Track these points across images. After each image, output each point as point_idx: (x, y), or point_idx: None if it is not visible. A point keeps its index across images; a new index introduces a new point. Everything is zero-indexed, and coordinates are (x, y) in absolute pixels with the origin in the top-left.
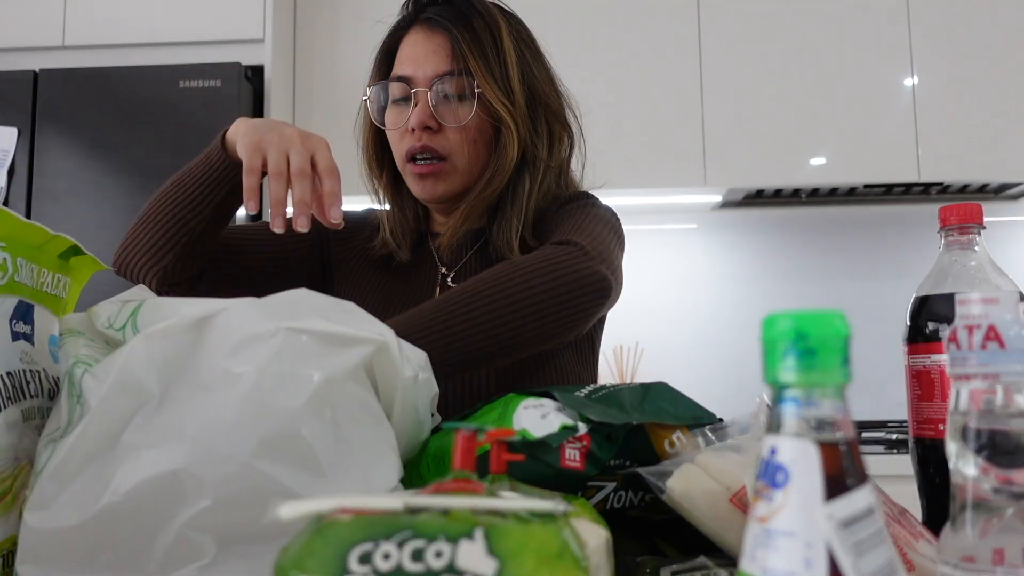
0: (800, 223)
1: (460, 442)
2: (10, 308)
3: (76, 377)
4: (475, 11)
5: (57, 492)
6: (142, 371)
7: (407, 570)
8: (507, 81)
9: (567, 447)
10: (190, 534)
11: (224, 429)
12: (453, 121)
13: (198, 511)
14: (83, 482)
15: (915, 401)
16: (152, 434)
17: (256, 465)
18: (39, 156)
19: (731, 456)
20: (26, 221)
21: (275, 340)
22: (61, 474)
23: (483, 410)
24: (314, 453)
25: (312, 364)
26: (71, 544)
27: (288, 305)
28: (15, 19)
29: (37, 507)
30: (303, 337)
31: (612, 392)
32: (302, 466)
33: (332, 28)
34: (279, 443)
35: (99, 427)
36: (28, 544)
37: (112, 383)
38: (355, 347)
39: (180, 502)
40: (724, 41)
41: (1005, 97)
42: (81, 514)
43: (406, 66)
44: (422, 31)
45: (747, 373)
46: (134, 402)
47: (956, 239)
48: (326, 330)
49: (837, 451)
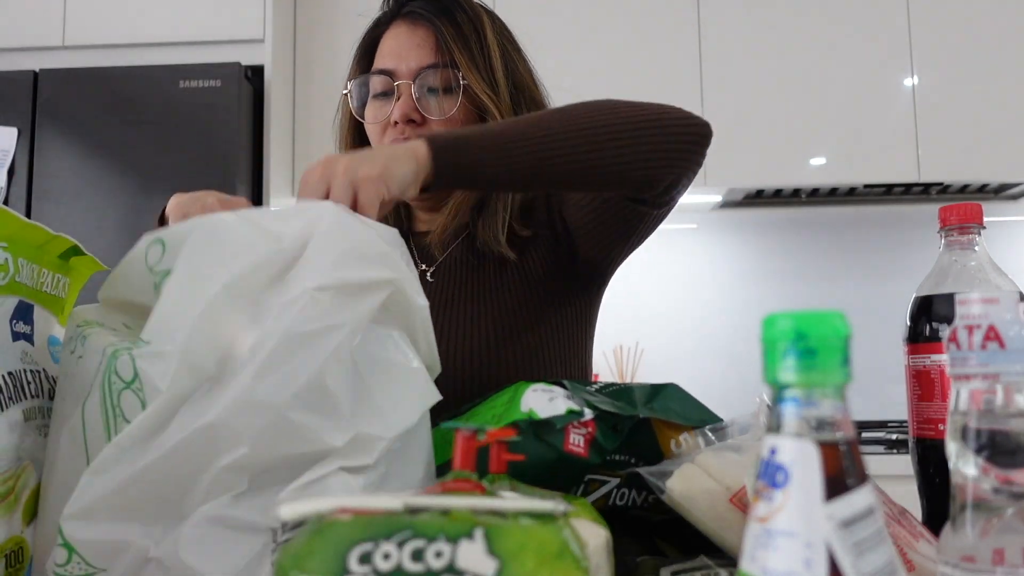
0: (800, 223)
1: (460, 442)
2: (10, 308)
3: (125, 363)
4: (458, 5)
5: (116, 459)
6: (202, 352)
7: (407, 570)
8: (491, 73)
9: (572, 431)
10: (226, 477)
11: (257, 384)
12: (438, 113)
13: (236, 458)
14: (136, 451)
15: (915, 401)
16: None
17: (289, 415)
18: (39, 156)
19: (731, 456)
20: (27, 221)
21: (301, 302)
22: (122, 442)
23: (492, 397)
24: (338, 401)
25: (333, 318)
26: (115, 499)
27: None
28: (15, 19)
29: (95, 472)
30: (325, 295)
31: (623, 388)
32: (327, 413)
33: (332, 28)
34: (307, 395)
35: (167, 407)
36: (78, 503)
37: (178, 364)
38: (372, 293)
39: (217, 451)
40: (724, 41)
41: (1005, 97)
42: (128, 472)
43: (388, 60)
44: (404, 25)
45: (747, 373)
46: (195, 379)
47: (956, 239)
48: (344, 281)
49: (837, 451)
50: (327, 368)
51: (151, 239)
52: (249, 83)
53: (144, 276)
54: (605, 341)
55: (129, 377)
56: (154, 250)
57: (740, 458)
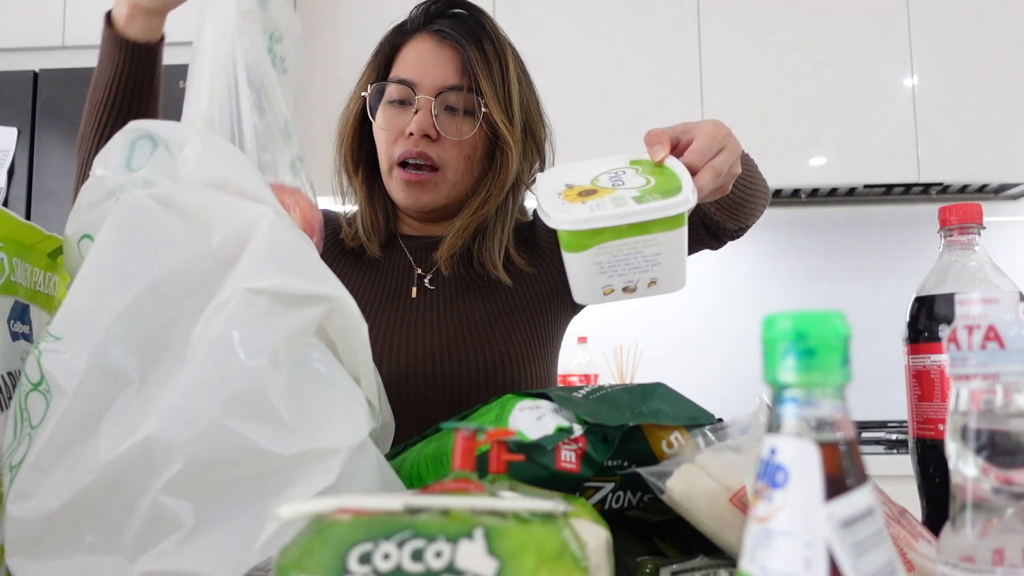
0: (800, 223)
1: (460, 442)
2: (7, 308)
3: (32, 364)
4: (485, 32)
5: (38, 481)
6: (119, 353)
7: (407, 570)
8: (510, 104)
9: (563, 449)
10: (167, 502)
11: (188, 392)
12: (454, 134)
13: (172, 475)
14: (63, 468)
15: (915, 401)
16: (131, 411)
17: (223, 423)
18: (39, 156)
19: (731, 456)
20: (22, 221)
21: (233, 302)
22: (41, 463)
23: (480, 411)
24: (276, 408)
25: (269, 325)
26: (55, 529)
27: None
28: (15, 19)
29: (20, 498)
30: (261, 299)
31: (609, 393)
32: (266, 422)
33: (332, 28)
34: (243, 401)
35: (77, 413)
36: (15, 535)
37: (88, 366)
38: (311, 306)
39: (153, 470)
40: (724, 41)
41: (1005, 97)
42: (61, 496)
43: (411, 70)
44: (431, 40)
45: (747, 373)
46: (113, 386)
47: (956, 239)
48: (281, 288)
49: (837, 451)
50: (263, 373)
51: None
52: None
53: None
54: (605, 341)
55: (36, 378)
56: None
57: (740, 458)
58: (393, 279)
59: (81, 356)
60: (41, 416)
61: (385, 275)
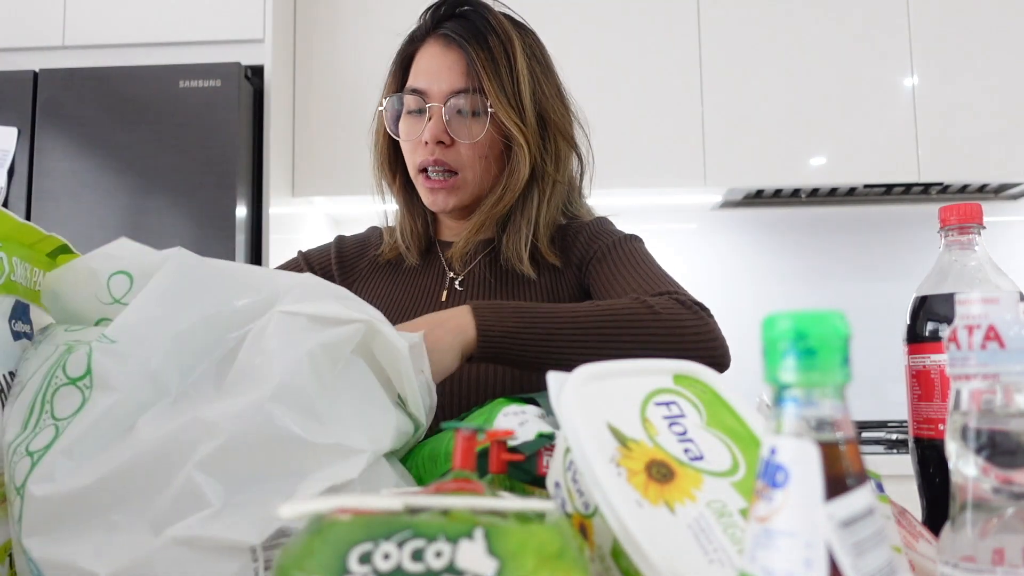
0: (800, 223)
1: (460, 442)
2: (8, 308)
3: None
4: (490, 28)
5: (66, 465)
6: (164, 367)
7: (407, 570)
8: (519, 100)
9: (544, 454)
10: (199, 479)
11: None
12: (466, 137)
13: (211, 451)
14: (96, 455)
15: (915, 401)
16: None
17: (267, 407)
18: (39, 156)
19: None
20: (21, 221)
21: (273, 321)
22: (74, 450)
23: (473, 414)
24: (313, 403)
25: (307, 334)
26: (79, 508)
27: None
28: (15, 19)
29: (44, 479)
30: (297, 319)
31: None
32: (303, 413)
33: (332, 28)
34: (285, 389)
35: (120, 408)
36: (33, 515)
37: (137, 371)
38: (345, 325)
39: (194, 447)
40: (724, 41)
41: (1005, 97)
42: (91, 476)
43: (421, 79)
44: (438, 45)
45: (747, 373)
46: (153, 392)
47: (956, 239)
48: (315, 312)
49: (837, 451)
50: (302, 367)
51: (116, 269)
52: (249, 83)
53: (99, 298)
54: None
55: (78, 373)
56: (119, 281)
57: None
58: (427, 285)
59: (132, 360)
60: (76, 408)
61: (420, 282)
